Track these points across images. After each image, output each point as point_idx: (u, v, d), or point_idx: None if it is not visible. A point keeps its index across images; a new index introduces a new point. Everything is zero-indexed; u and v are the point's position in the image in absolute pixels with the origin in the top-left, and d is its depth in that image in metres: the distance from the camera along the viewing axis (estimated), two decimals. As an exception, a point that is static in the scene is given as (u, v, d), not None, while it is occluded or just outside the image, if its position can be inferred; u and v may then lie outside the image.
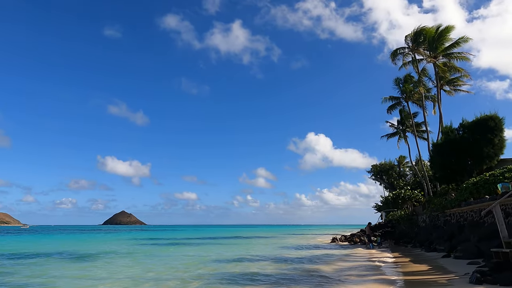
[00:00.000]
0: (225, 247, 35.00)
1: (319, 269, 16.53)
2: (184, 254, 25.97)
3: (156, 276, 14.95)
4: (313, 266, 17.85)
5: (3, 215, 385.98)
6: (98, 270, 17.35)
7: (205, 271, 16.45)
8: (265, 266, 18.00)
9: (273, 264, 19.15)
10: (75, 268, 18.00)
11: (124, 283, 13.25)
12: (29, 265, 19.24)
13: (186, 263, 19.74)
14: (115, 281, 13.73)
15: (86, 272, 16.39)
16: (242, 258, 22.68)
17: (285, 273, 15.36)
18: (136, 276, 14.94)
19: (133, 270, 17.01)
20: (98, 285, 13.04)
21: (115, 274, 15.85)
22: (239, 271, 16.10)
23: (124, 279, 14.17)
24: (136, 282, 13.56)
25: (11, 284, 13.15)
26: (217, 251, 28.79)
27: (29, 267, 18.32)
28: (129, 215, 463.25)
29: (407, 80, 38.62)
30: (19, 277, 14.99)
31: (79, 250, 30.03)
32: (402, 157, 58.45)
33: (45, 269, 17.50)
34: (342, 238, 40.04)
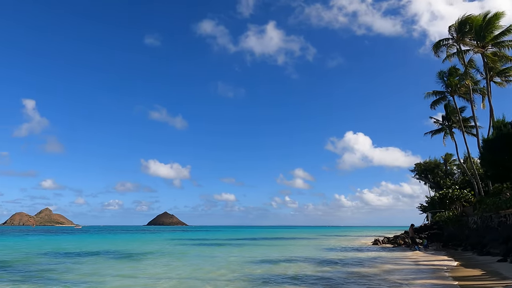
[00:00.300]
0: (265, 248, 35.08)
1: (362, 271, 16.04)
2: (225, 255, 26.36)
3: (200, 276, 15.30)
4: (356, 268, 17.36)
5: (58, 216, 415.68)
6: (145, 268, 18.09)
7: (246, 271, 16.57)
8: (305, 268, 17.79)
9: (313, 265, 18.87)
10: (124, 267, 18.89)
11: (169, 282, 13.70)
12: (83, 263, 20.49)
13: (228, 264, 20.00)
14: (161, 280, 14.22)
15: (134, 271, 17.14)
16: (282, 259, 22.59)
17: (327, 275, 15.07)
18: (180, 276, 15.39)
19: (177, 270, 17.53)
20: (145, 283, 13.58)
21: (161, 273, 16.43)
22: (279, 272, 16.05)
23: (169, 278, 14.65)
24: (181, 281, 13.95)
25: (69, 281, 14.06)
26: (257, 252, 28.92)
27: (83, 265, 19.52)
28: (171, 216, 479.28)
29: (452, 73, 36.42)
30: (75, 274, 16.00)
31: (128, 250, 31.53)
32: (448, 155, 55.19)
33: (98, 267, 18.55)
34: (385, 240, 38.57)
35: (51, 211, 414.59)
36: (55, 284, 13.23)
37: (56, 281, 13.91)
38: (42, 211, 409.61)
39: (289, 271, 16.60)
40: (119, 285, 13.34)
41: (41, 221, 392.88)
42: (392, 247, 33.10)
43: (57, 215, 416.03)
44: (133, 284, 13.49)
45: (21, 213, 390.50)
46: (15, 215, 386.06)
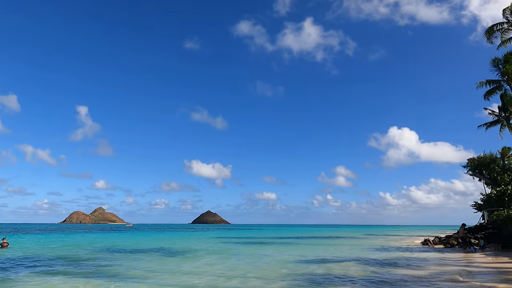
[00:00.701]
0: (307, 247, 34.82)
1: (412, 273, 15.42)
2: (268, 253, 26.57)
3: (243, 274, 15.59)
4: (405, 270, 16.72)
5: (110, 214, 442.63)
6: (191, 265, 18.76)
7: (288, 271, 16.61)
8: (349, 268, 17.45)
9: (360, 266, 18.45)
10: (173, 263, 19.72)
11: (214, 279, 14.12)
12: (135, 259, 21.72)
13: (270, 262, 20.17)
14: (206, 277, 14.68)
15: (181, 267, 17.86)
16: (325, 259, 22.33)
17: (375, 276, 14.69)
18: (224, 273, 15.80)
19: (221, 267, 18.00)
20: (191, 279, 14.11)
21: (206, 270, 16.96)
22: (322, 272, 15.90)
23: (214, 276, 15.09)
24: (224, 279, 14.32)
25: (123, 276, 15.01)
26: (299, 251, 28.81)
27: (135, 261, 20.68)
28: (214, 215, 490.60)
29: (508, 60, 33.62)
30: (128, 269, 17.02)
31: (175, 247, 32.88)
32: (506, 149, 51.05)
33: (148, 262, 19.55)
34: (436, 240, 36.60)
35: (104, 210, 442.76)
36: (114, 280, 14.17)
37: (116, 278, 14.88)
38: (96, 210, 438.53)
39: (335, 271, 16.38)
40: (176, 282, 13.97)
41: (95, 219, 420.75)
42: (444, 248, 31.34)
43: (109, 214, 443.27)
44: (187, 282, 14.05)
45: (78, 212, 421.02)
46: (73, 213, 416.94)
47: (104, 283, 13.16)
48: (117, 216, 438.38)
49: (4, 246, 30.44)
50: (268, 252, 27.54)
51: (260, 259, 22.20)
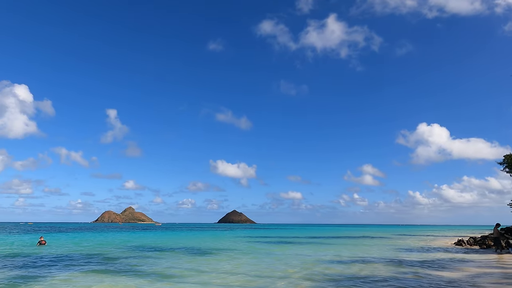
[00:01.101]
0: (335, 247, 34.42)
1: (446, 275, 14.95)
2: (295, 253, 26.51)
3: (270, 274, 15.66)
4: (438, 271, 16.22)
5: (139, 214, 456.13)
6: (221, 265, 19.05)
7: (315, 271, 16.53)
8: (379, 269, 17.14)
9: (390, 267, 18.07)
10: (203, 262, 20.09)
11: (241, 279, 14.29)
12: (166, 258, 22.29)
13: (297, 262, 20.13)
14: (233, 276, 14.89)
15: (211, 267, 18.18)
16: (353, 259, 22.02)
17: (405, 278, 14.37)
18: (252, 273, 15.94)
19: (249, 267, 18.17)
20: (221, 279, 14.35)
21: (233, 269, 17.18)
22: (351, 273, 15.71)
23: (241, 275, 15.27)
24: (252, 278, 14.46)
25: (155, 275, 15.50)
26: (327, 251, 28.55)
27: (167, 260, 21.24)
28: (240, 214, 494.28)
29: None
30: (160, 268, 17.55)
31: (204, 246, 33.46)
32: (546, 145, 48.20)
33: (179, 262, 20.02)
34: (471, 240, 35.17)
35: (134, 209, 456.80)
36: (146, 279, 14.66)
37: (147, 276, 15.39)
38: (126, 209, 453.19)
39: (365, 272, 16.15)
40: (206, 281, 14.28)
41: (125, 218, 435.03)
42: (480, 249, 30.07)
43: (139, 213, 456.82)
44: (217, 281, 14.32)
45: (109, 211, 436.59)
46: (104, 213, 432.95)
47: (137, 282, 13.64)
48: (146, 216, 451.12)
49: (42, 244, 32.15)
50: (295, 252, 27.49)
51: (287, 259, 22.21)
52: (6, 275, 14.93)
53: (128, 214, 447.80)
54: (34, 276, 14.60)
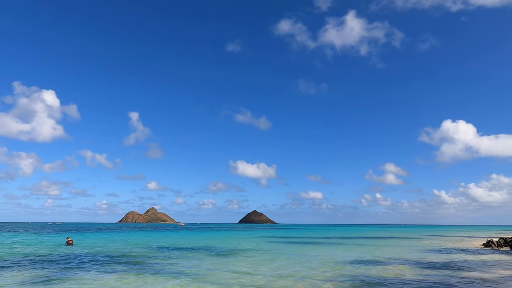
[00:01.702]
0: (358, 247, 33.87)
1: (474, 276, 14.44)
2: (317, 253, 26.27)
3: (292, 274, 15.58)
4: (465, 272, 15.69)
5: (162, 214, 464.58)
6: (243, 265, 19.10)
7: (338, 272, 16.33)
8: (406, 270, 16.74)
9: (415, 268, 17.63)
10: (227, 262, 20.23)
11: (264, 279, 14.29)
12: (191, 257, 22.61)
13: (319, 263, 19.95)
14: (256, 276, 14.90)
15: (235, 266, 18.26)
16: (377, 260, 21.62)
17: (431, 280, 13.98)
18: (274, 273, 15.91)
19: (272, 267, 18.13)
20: (243, 278, 14.40)
21: (256, 270, 17.17)
22: (375, 274, 15.43)
23: (263, 276, 15.26)
24: (274, 278, 14.44)
25: (180, 274, 15.75)
26: (350, 252, 28.14)
27: (191, 259, 21.53)
28: (260, 214, 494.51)
29: None
30: (185, 267, 17.80)
31: (227, 246, 33.70)
32: None
33: (203, 261, 20.24)
34: (501, 241, 33.81)
35: (156, 210, 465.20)
36: (171, 277, 14.92)
37: (172, 275, 15.65)
38: (149, 210, 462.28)
39: (390, 273, 15.83)
40: (230, 281, 14.39)
41: (148, 218, 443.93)
42: (510, 250, 28.86)
43: (161, 214, 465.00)
44: (241, 281, 14.41)
45: (133, 212, 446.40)
46: (128, 213, 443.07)
47: (162, 281, 13.90)
48: (168, 216, 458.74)
49: (69, 244, 33.26)
50: (317, 252, 27.26)
51: (309, 259, 22.05)
52: (38, 273, 15.56)
53: (151, 215, 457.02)
54: (63, 275, 15.13)
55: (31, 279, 14.14)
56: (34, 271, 16.20)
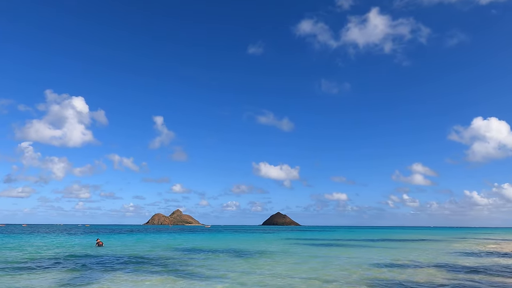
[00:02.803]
0: (385, 250, 33.13)
1: (507, 284, 13.85)
2: (342, 256, 25.91)
3: (318, 277, 15.49)
4: (496, 279, 15.08)
5: (187, 216, 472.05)
6: (271, 267, 19.19)
7: (365, 275, 16.09)
8: (434, 274, 16.28)
9: (446, 272, 17.10)
10: (252, 264, 20.37)
11: (290, 282, 14.31)
12: (218, 259, 22.92)
13: (345, 266, 19.71)
14: (285, 279, 14.97)
15: (261, 269, 18.36)
16: (406, 263, 21.11)
17: (462, 284, 13.54)
18: (300, 275, 15.90)
19: (298, 269, 18.09)
20: (271, 280, 14.50)
21: (284, 272, 17.22)
22: (404, 279, 15.10)
23: (292, 277, 15.29)
24: (300, 281, 14.43)
25: (207, 276, 16.05)
26: (377, 254, 27.58)
27: (219, 261, 21.85)
28: (284, 216, 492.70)
29: None
30: (212, 270, 18.11)
31: (252, 248, 33.85)
32: None
33: (230, 263, 20.49)
34: (539, 245, 32.09)
35: (181, 212, 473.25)
36: (197, 280, 15.22)
37: (199, 277, 15.97)
38: (174, 212, 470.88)
39: (420, 277, 15.46)
40: (255, 283, 14.55)
41: (174, 220, 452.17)
42: (550, 254, 27.37)
43: (186, 216, 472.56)
44: (268, 284, 14.51)
45: (159, 214, 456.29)
46: (154, 215, 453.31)
47: (194, 283, 14.20)
48: (193, 218, 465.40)
49: (99, 245, 34.45)
50: (344, 255, 26.91)
51: (335, 262, 21.83)
52: (71, 274, 16.30)
53: (176, 217, 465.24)
54: (96, 276, 15.77)
55: (65, 279, 14.85)
56: (67, 272, 16.96)
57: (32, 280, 14.57)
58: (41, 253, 27.27)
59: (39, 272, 16.74)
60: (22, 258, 22.90)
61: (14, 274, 16.19)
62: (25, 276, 15.70)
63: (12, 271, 16.99)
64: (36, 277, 15.43)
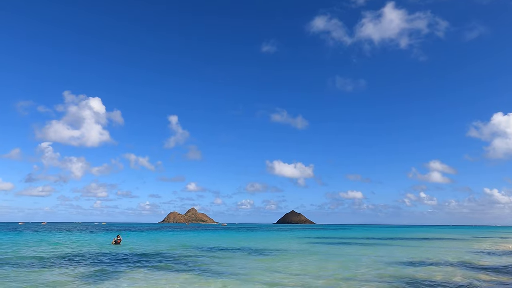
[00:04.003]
0: (402, 248, 32.75)
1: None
2: (359, 254, 25.81)
3: (334, 274, 15.53)
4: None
5: (201, 214, 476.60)
6: (286, 265, 19.30)
7: (383, 273, 16.01)
8: (453, 274, 16.07)
9: (465, 271, 16.85)
10: (270, 262, 20.50)
11: (306, 279, 14.40)
12: (236, 257, 23.16)
13: (362, 264, 19.64)
14: (299, 277, 15.07)
15: (278, 266, 18.53)
16: (424, 262, 20.88)
17: (481, 285, 13.35)
18: (316, 274, 15.95)
19: (313, 267, 18.15)
20: (287, 278, 14.60)
21: (300, 270, 17.31)
22: (422, 277, 14.98)
23: (307, 276, 15.37)
24: (315, 279, 14.51)
25: (225, 273, 16.30)
26: (393, 252, 27.33)
27: (237, 259, 22.07)
28: (299, 215, 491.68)
29: None
30: (230, 267, 18.35)
31: (269, 246, 34.08)
32: None
33: (246, 261, 20.68)
34: None
35: (196, 210, 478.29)
36: (213, 277, 15.47)
37: (215, 274, 16.21)
38: (189, 210, 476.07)
39: (437, 276, 15.30)
40: (272, 281, 14.72)
41: (189, 219, 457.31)
42: None
43: (201, 214, 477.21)
44: (282, 281, 14.65)
45: (174, 212, 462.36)
46: (170, 214, 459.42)
47: (212, 281, 14.46)
48: (208, 216, 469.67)
49: (118, 243, 35.21)
50: (361, 253, 26.78)
51: (354, 260, 21.77)
52: (88, 271, 16.73)
53: (191, 215, 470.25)
54: (112, 273, 16.17)
55: (83, 276, 15.23)
56: (85, 269, 17.38)
57: (49, 276, 14.95)
58: (59, 250, 28.08)
59: (56, 269, 17.18)
60: (40, 255, 23.59)
61: (32, 270, 16.64)
62: (43, 272, 16.15)
63: (30, 267, 17.51)
64: (53, 273, 15.83)
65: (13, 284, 13.17)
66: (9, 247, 30.33)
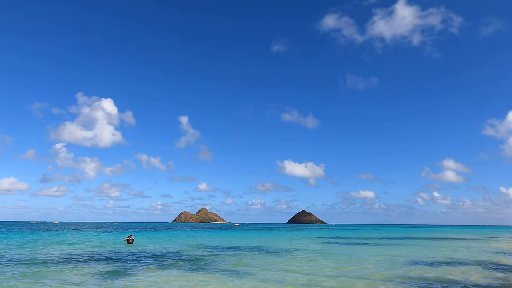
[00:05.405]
0: (415, 248, 32.37)
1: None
2: (374, 254, 25.67)
3: (347, 274, 15.57)
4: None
5: (212, 214, 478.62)
6: (297, 265, 19.39)
7: (397, 273, 15.94)
8: (471, 273, 15.89)
9: (478, 271, 16.67)
10: (281, 262, 20.65)
11: (321, 279, 14.43)
12: (248, 256, 23.35)
13: (375, 264, 19.58)
14: (312, 276, 15.12)
15: (290, 266, 18.65)
16: (439, 261, 20.65)
17: (497, 283, 13.15)
18: (328, 273, 16.02)
19: (326, 267, 18.22)
20: (300, 278, 14.68)
21: (313, 269, 17.39)
22: (436, 276, 14.86)
23: (319, 275, 15.43)
24: (328, 278, 14.52)
25: (238, 272, 16.45)
26: (407, 252, 27.06)
27: (249, 258, 22.25)
28: (309, 214, 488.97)
29: None
30: (242, 266, 18.54)
31: (281, 246, 34.20)
32: None
33: (259, 260, 20.87)
34: None
35: (207, 210, 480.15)
36: (226, 276, 15.62)
37: (228, 273, 16.39)
38: (200, 210, 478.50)
39: (453, 276, 15.17)
40: (283, 279, 14.77)
41: (200, 218, 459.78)
42: None
43: (212, 214, 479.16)
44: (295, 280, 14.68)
45: (185, 212, 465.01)
46: (181, 213, 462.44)
47: (225, 280, 14.65)
48: (219, 216, 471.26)
49: (130, 242, 35.63)
50: (374, 253, 26.63)
51: (367, 260, 21.70)
52: (101, 270, 17.05)
53: (202, 215, 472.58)
54: (125, 272, 16.47)
55: (96, 275, 15.51)
56: (99, 268, 17.73)
57: (62, 275, 15.15)
58: (72, 249, 28.63)
59: (69, 268, 17.38)
60: (53, 254, 24.06)
61: (45, 269, 16.89)
62: (58, 270, 16.42)
63: (43, 267, 17.78)
64: (67, 272, 16.03)
65: (44, 281, 13.48)
66: (24, 246, 31.02)
